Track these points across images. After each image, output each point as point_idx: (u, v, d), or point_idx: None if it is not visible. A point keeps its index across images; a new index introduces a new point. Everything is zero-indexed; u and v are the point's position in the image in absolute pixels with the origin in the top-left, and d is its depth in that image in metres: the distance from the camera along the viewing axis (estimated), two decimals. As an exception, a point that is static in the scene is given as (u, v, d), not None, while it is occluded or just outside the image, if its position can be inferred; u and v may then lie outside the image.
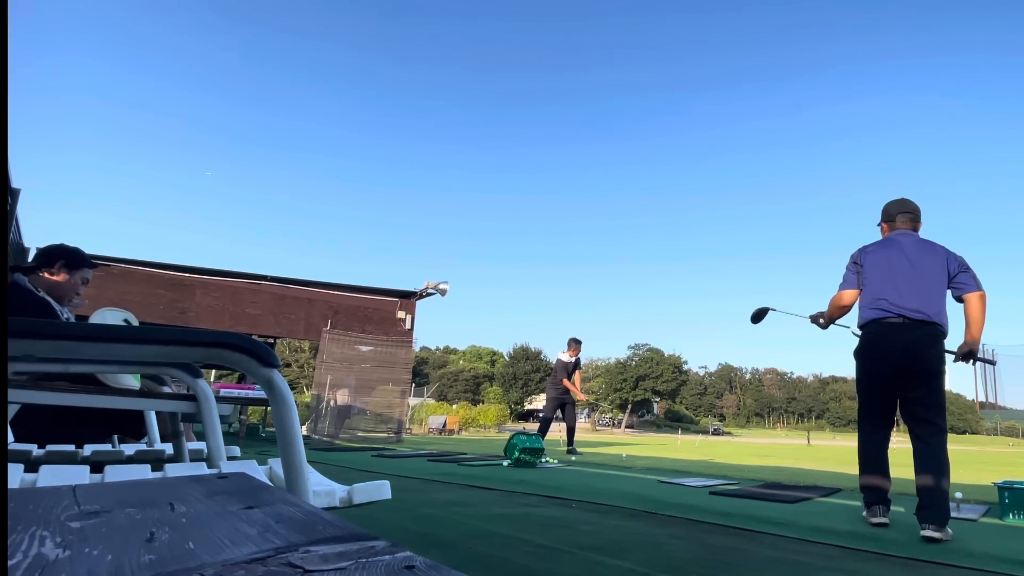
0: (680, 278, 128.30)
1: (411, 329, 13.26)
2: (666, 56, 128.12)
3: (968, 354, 3.13)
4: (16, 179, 4.79)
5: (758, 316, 3.90)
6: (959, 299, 3.10)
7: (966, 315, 3.10)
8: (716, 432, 56.03)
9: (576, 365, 8.79)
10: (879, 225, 3.41)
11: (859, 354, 3.23)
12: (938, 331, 3.05)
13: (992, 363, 4.14)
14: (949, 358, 3.15)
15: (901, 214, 3.31)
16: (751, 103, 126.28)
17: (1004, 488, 3.44)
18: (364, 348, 12.44)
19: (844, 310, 3.35)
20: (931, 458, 2.92)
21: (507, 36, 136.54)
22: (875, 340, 3.13)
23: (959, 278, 3.09)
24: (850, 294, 3.30)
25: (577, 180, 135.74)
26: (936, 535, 2.64)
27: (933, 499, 2.77)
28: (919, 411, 3.01)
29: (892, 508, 3.03)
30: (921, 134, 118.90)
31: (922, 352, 3.01)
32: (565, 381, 8.60)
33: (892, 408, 3.16)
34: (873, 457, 3.14)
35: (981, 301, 3.07)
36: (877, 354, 3.12)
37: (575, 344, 8.74)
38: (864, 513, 2.99)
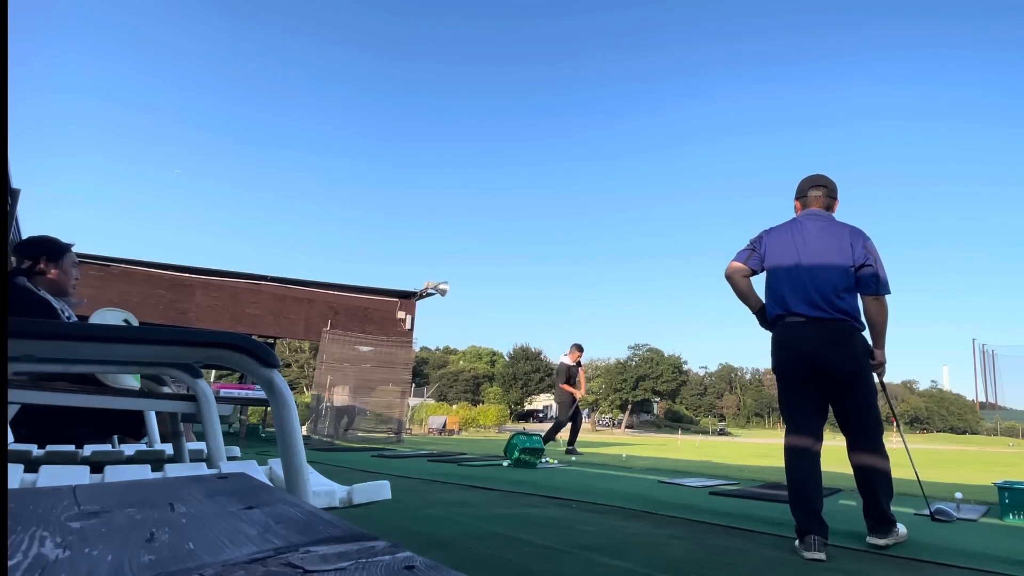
0: (681, 278, 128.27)
1: (411, 329, 13.27)
2: (669, 46, 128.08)
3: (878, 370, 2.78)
4: (16, 179, 4.79)
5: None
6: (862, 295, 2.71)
7: (865, 318, 2.73)
8: (722, 432, 55.85)
9: (577, 369, 8.94)
10: (795, 203, 2.99)
11: (772, 358, 2.82)
12: (847, 327, 2.64)
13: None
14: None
15: (814, 188, 2.90)
16: (753, 99, 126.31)
17: (1004, 488, 3.44)
18: (364, 348, 12.45)
19: (740, 284, 2.87)
20: (865, 464, 2.64)
21: (505, 34, 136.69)
22: (780, 342, 2.76)
23: (862, 272, 2.68)
24: (735, 266, 2.87)
25: (577, 179, 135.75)
26: (880, 542, 2.51)
27: (872, 508, 2.58)
28: (845, 417, 2.71)
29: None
30: (926, 127, 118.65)
31: (831, 353, 2.61)
32: (564, 385, 8.76)
33: (816, 415, 2.69)
34: (801, 478, 2.57)
35: (878, 305, 2.69)
36: (784, 357, 2.73)
37: (576, 349, 8.94)
38: (796, 544, 2.41)
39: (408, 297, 13.49)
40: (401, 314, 13.37)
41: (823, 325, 2.64)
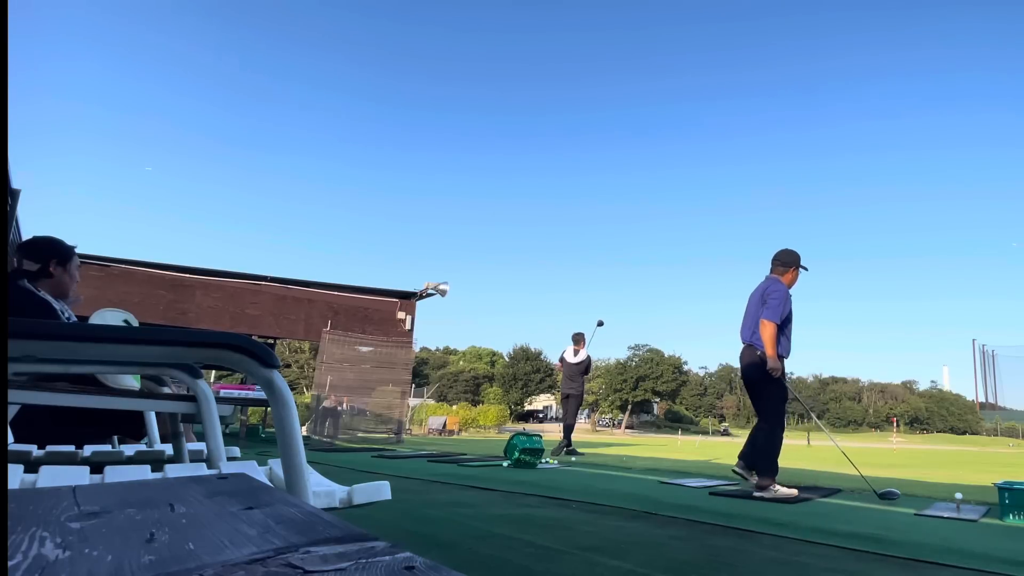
0: (681, 280, 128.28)
1: (411, 330, 13.25)
2: (670, 65, 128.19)
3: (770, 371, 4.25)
4: (16, 180, 4.79)
5: None
6: None
7: None
8: (725, 433, 55.75)
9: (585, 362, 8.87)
10: None
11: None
12: (752, 352, 4.33)
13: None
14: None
15: (773, 262, 4.55)
16: (753, 112, 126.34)
17: (1004, 489, 3.43)
18: (364, 349, 12.44)
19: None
20: (756, 438, 4.28)
21: (508, 43, 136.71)
22: (740, 359, 4.53)
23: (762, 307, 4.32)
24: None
25: (578, 183, 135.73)
26: (752, 479, 4.14)
27: (756, 459, 4.18)
28: (755, 406, 4.41)
29: (894, 509, 3.14)
30: (924, 145, 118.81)
31: (744, 367, 4.41)
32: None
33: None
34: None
35: (763, 326, 4.24)
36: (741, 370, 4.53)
37: (583, 339, 8.85)
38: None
39: (408, 297, 13.48)
40: (401, 314, 13.35)
41: (746, 349, 4.40)
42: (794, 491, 4.10)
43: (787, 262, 4.45)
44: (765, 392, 4.25)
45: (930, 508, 3.68)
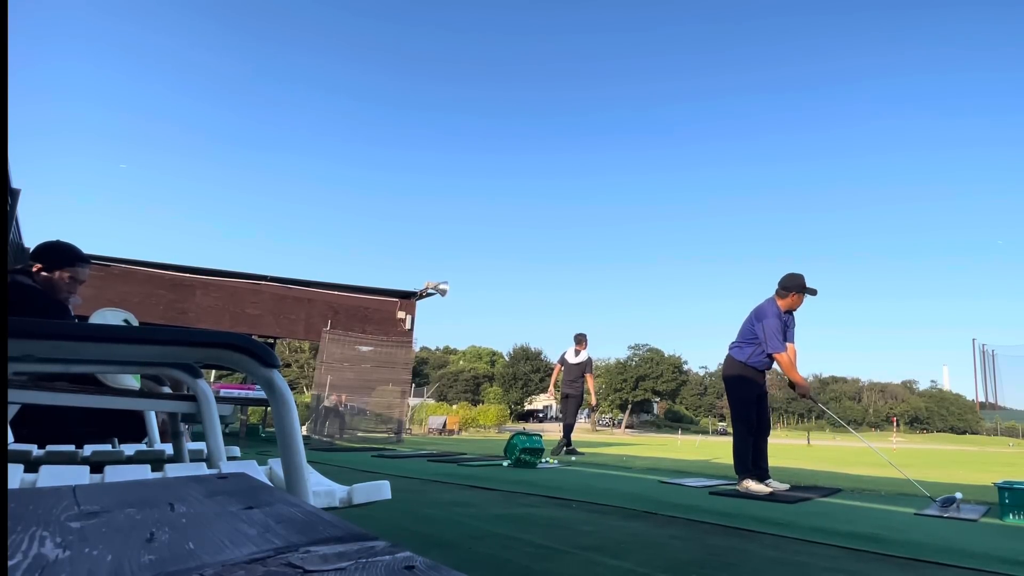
0: (681, 280, 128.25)
1: (411, 329, 13.26)
2: (670, 66, 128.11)
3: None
4: (16, 180, 4.80)
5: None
6: None
7: None
8: (725, 432, 55.73)
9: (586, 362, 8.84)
10: None
11: None
12: (729, 357, 4.80)
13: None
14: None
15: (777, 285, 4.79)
16: (754, 112, 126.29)
17: (1004, 488, 3.43)
18: (364, 348, 12.45)
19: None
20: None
21: (509, 46, 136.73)
22: None
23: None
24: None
25: (578, 184, 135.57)
26: (738, 486, 4.31)
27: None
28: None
29: (894, 508, 3.21)
30: (923, 145, 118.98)
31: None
32: (588, 375, 8.81)
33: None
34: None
35: (777, 360, 4.60)
36: None
37: (585, 340, 8.81)
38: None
39: (408, 297, 13.48)
40: (401, 314, 13.35)
41: (726, 356, 4.87)
42: (766, 488, 4.27)
43: (787, 287, 4.65)
44: (729, 399, 4.74)
45: (930, 508, 3.68)
